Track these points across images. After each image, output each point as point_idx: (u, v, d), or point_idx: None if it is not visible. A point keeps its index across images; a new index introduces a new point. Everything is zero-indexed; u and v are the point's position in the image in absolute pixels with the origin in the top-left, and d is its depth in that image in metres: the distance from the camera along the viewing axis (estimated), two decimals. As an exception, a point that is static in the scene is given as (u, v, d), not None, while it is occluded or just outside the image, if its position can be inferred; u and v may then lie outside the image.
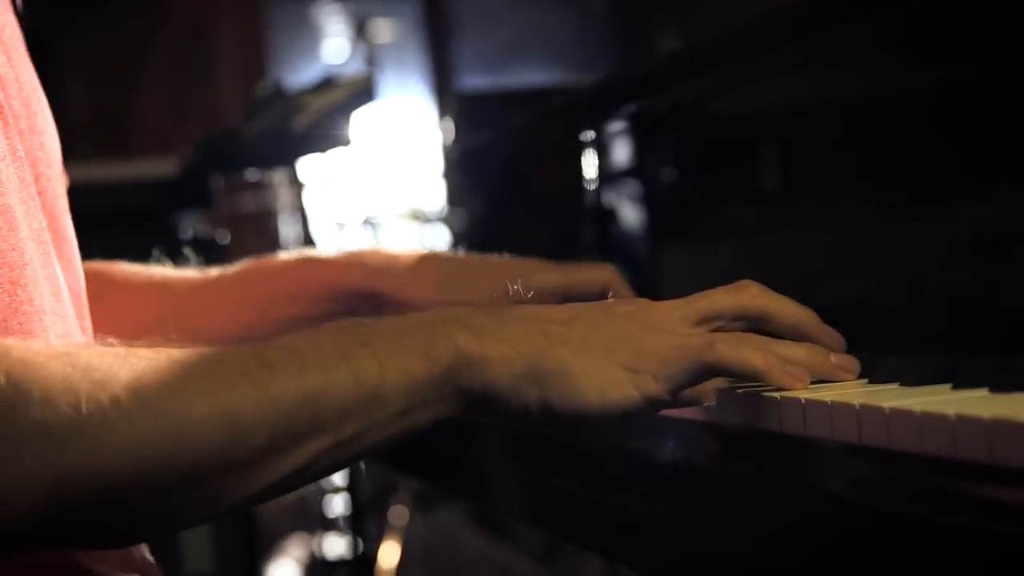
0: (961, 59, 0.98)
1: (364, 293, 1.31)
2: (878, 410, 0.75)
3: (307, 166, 2.48)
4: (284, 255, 1.37)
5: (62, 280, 1.00)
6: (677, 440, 0.95)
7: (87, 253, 1.31)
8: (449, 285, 1.29)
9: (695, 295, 0.92)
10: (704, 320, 0.90)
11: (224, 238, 2.11)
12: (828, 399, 0.81)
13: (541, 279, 1.29)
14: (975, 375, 0.80)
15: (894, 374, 0.87)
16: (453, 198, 2.17)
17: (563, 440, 1.14)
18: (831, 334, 0.92)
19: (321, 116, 1.87)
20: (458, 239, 2.09)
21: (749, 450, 0.90)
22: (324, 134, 1.90)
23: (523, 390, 0.84)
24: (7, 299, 0.88)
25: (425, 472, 1.74)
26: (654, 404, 0.86)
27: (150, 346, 0.80)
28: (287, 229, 2.61)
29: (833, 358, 0.90)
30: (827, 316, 0.92)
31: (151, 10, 5.19)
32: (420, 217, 3.68)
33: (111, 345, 0.80)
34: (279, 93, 1.89)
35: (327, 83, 1.91)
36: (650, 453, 0.97)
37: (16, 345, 0.75)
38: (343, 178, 3.76)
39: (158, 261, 1.34)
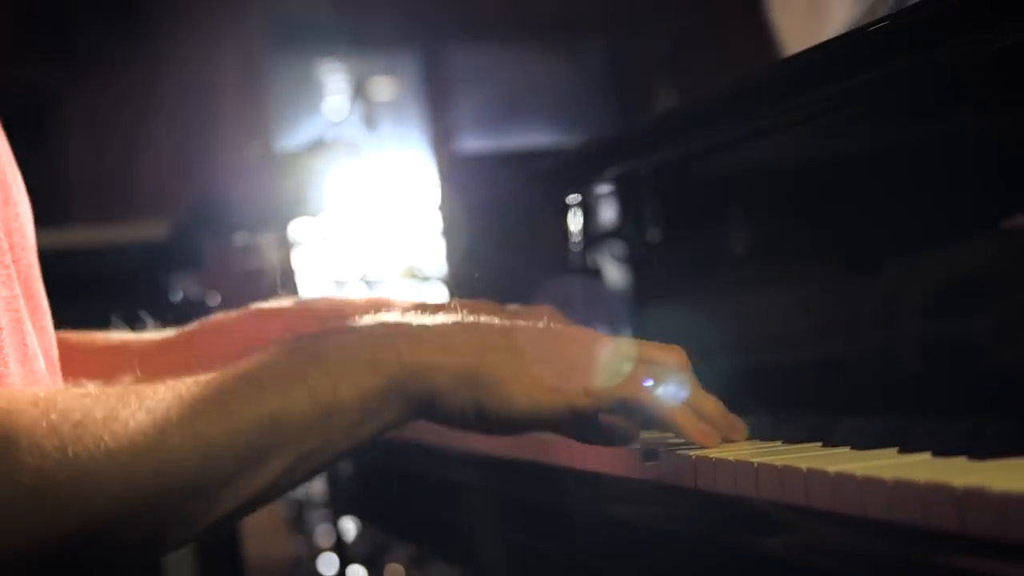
0: (944, 118, 1.00)
1: None
2: (824, 474, 0.77)
3: (302, 226, 2.49)
4: (236, 311, 1.39)
5: (36, 347, 1.03)
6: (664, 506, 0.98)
7: (80, 314, 1.33)
8: None
9: (630, 339, 0.99)
10: (631, 360, 0.96)
11: (214, 299, 2.12)
12: (779, 463, 0.83)
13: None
14: (921, 439, 0.82)
15: (845, 438, 0.89)
16: (450, 257, 2.18)
17: (543, 504, 1.16)
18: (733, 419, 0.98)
19: (308, 178, 1.88)
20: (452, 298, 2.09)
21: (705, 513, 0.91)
22: (312, 196, 1.91)
23: (459, 394, 0.90)
24: None
25: (414, 536, 1.74)
26: (579, 417, 0.92)
27: (115, 384, 0.85)
28: (279, 289, 2.62)
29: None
30: (801, 375, 0.95)
31: (153, 69, 5.22)
32: (417, 275, 3.69)
33: (81, 385, 0.84)
34: (267, 155, 1.90)
35: (316, 146, 1.93)
36: (634, 520, 1.00)
37: None
38: (340, 237, 3.77)
39: (116, 326, 1.36)
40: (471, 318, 0.97)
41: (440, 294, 3.40)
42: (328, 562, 3.38)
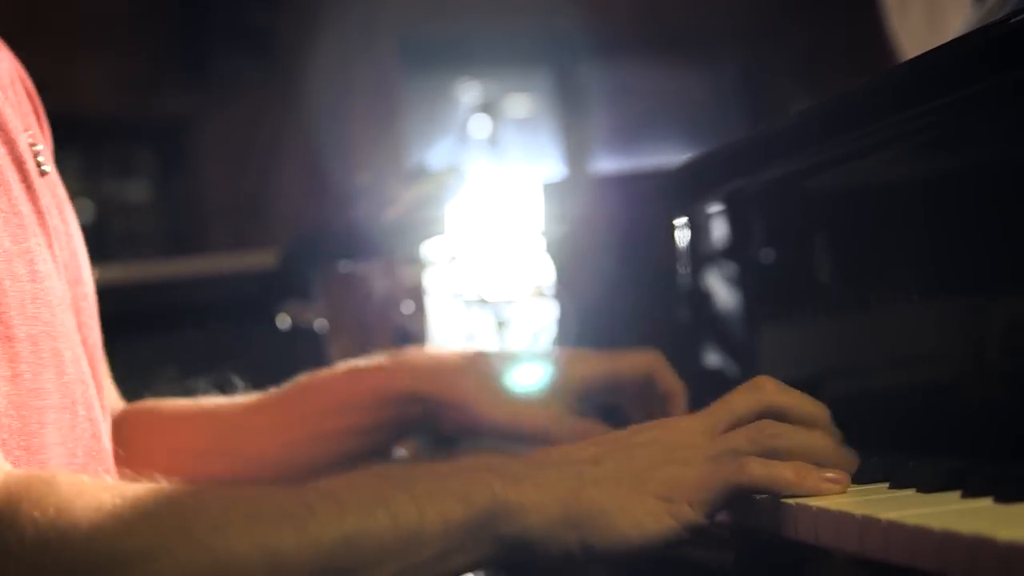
0: None
1: (412, 397, 1.31)
2: (876, 521, 0.74)
3: (433, 247, 2.49)
4: (329, 369, 1.37)
5: (102, 423, 1.06)
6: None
7: (192, 345, 1.35)
8: (494, 382, 1.30)
9: (714, 405, 0.93)
10: (727, 428, 0.91)
11: (323, 328, 2.14)
12: (833, 507, 0.80)
13: (586, 370, 1.31)
14: (984, 483, 0.78)
15: (911, 478, 0.86)
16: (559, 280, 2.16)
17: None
18: (837, 432, 0.94)
19: (411, 207, 1.89)
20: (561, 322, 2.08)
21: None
22: (415, 225, 1.92)
23: (561, 535, 0.86)
24: (48, 440, 0.93)
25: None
26: (692, 531, 0.87)
27: (192, 482, 0.84)
28: (391, 316, 2.63)
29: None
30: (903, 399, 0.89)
31: (287, 95, 5.30)
32: (546, 295, 3.67)
33: (157, 481, 0.84)
34: (370, 185, 1.92)
35: (418, 174, 1.93)
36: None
37: (65, 479, 0.79)
38: (469, 257, 3.78)
39: (204, 392, 1.37)
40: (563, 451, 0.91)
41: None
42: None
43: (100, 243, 4.95)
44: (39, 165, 1.05)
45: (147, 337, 1.95)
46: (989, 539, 0.64)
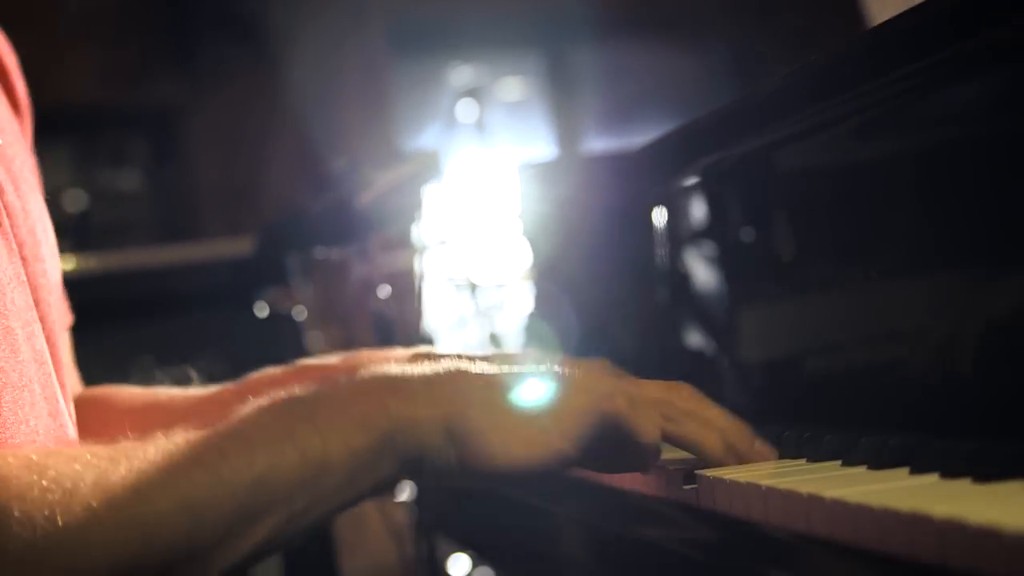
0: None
1: None
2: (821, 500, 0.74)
3: (424, 230, 2.47)
4: (281, 367, 1.37)
5: (62, 402, 1.05)
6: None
7: (172, 333, 1.34)
8: None
9: (632, 379, 0.96)
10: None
11: (301, 315, 2.13)
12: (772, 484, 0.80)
13: None
14: (931, 460, 0.77)
15: (864, 455, 0.86)
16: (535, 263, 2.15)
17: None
18: (759, 447, 0.96)
19: (386, 192, 1.88)
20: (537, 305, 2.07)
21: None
22: (391, 210, 1.91)
23: (444, 450, 0.89)
24: (5, 419, 0.92)
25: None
26: (562, 460, 0.90)
27: (109, 442, 0.85)
28: (369, 302, 2.62)
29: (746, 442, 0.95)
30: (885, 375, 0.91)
31: (276, 81, 5.29)
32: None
33: (79, 445, 0.86)
34: (345, 170, 1.90)
35: (394, 158, 1.92)
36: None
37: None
38: (460, 240, 3.77)
39: (161, 382, 1.36)
40: (470, 365, 0.94)
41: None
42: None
43: (93, 232, 4.95)
44: None
45: (126, 325, 1.95)
46: (925, 515, 0.63)
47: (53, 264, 1.14)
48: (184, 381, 1.33)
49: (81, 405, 1.28)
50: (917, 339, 1.02)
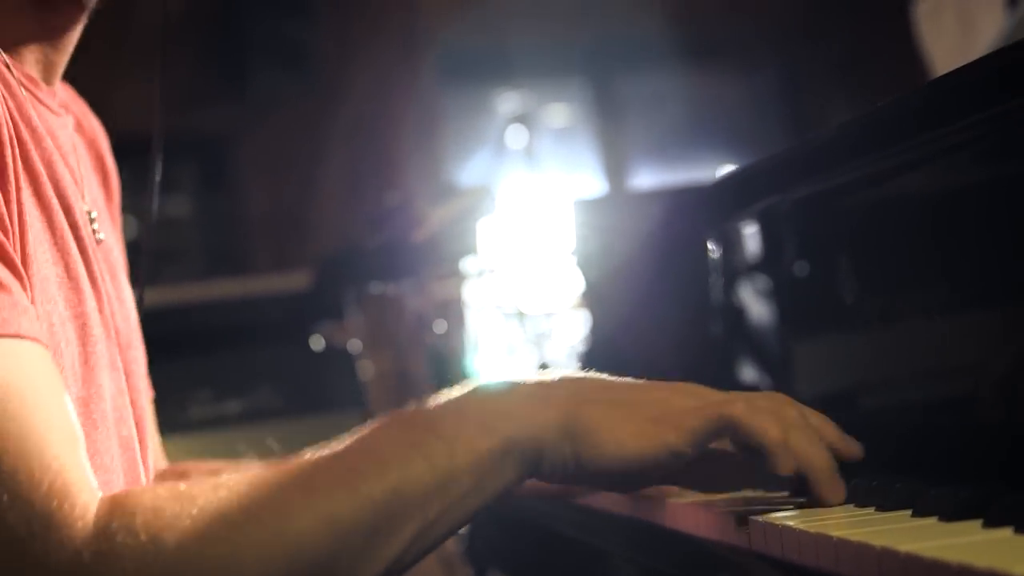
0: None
1: None
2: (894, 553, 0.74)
3: (473, 262, 2.48)
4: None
5: (144, 483, 1.10)
6: None
7: (229, 367, 1.35)
8: None
9: (737, 393, 0.97)
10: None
11: (356, 348, 2.14)
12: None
13: None
14: (1005, 513, 0.77)
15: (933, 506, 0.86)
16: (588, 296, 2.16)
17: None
18: (852, 446, 0.97)
19: (441, 227, 1.89)
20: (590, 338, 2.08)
21: None
22: (446, 244, 1.92)
23: (561, 446, 0.92)
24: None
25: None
26: (674, 455, 0.92)
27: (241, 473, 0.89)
28: (424, 336, 2.64)
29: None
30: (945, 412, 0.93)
31: (326, 110, 5.31)
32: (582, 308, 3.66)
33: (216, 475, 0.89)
34: (399, 206, 1.92)
35: (448, 193, 1.93)
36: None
37: (143, 493, 0.85)
38: (508, 270, 3.78)
39: (244, 453, 1.39)
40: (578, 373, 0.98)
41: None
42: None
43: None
44: (95, 232, 1.10)
45: (183, 359, 1.97)
46: (1005, 574, 0.64)
47: (141, 352, 1.19)
48: (267, 452, 1.34)
49: (164, 480, 1.32)
50: (982, 382, 1.02)
